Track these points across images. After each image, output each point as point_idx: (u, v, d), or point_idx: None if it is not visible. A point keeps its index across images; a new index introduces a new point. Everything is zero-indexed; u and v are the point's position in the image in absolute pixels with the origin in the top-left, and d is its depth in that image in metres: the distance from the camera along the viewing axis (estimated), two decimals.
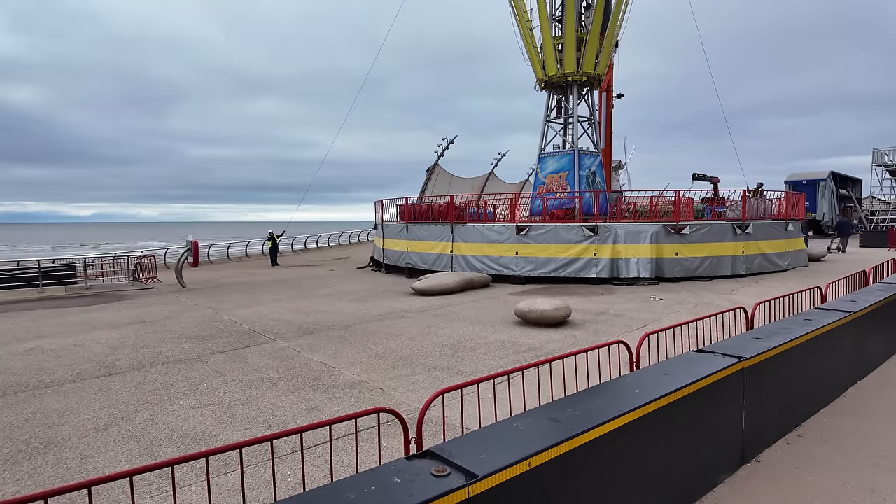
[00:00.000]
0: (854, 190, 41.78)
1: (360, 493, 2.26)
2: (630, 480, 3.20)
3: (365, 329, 9.84)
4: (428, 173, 30.79)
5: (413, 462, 2.56)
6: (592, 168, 21.61)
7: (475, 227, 17.19)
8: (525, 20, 21.22)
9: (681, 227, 15.17)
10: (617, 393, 3.45)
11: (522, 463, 2.56)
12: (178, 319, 11.33)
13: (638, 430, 3.20)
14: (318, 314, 11.49)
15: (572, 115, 21.46)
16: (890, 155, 36.79)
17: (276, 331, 9.81)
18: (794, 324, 5.39)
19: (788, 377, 4.75)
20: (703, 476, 3.84)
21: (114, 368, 7.61)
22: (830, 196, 36.33)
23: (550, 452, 2.68)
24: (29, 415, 5.86)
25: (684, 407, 3.59)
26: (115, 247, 46.72)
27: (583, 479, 2.89)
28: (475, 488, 2.35)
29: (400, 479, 2.37)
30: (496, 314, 11.11)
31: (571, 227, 15.67)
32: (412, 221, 19.55)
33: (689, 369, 3.89)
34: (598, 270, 15.09)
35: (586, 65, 20.49)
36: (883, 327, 6.78)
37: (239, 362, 7.75)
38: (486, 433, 2.91)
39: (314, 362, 7.61)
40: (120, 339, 9.44)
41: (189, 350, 8.57)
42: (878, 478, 3.99)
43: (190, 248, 17.59)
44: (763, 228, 16.42)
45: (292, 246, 34.98)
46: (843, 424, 4.98)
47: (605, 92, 25.51)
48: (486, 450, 2.65)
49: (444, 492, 2.26)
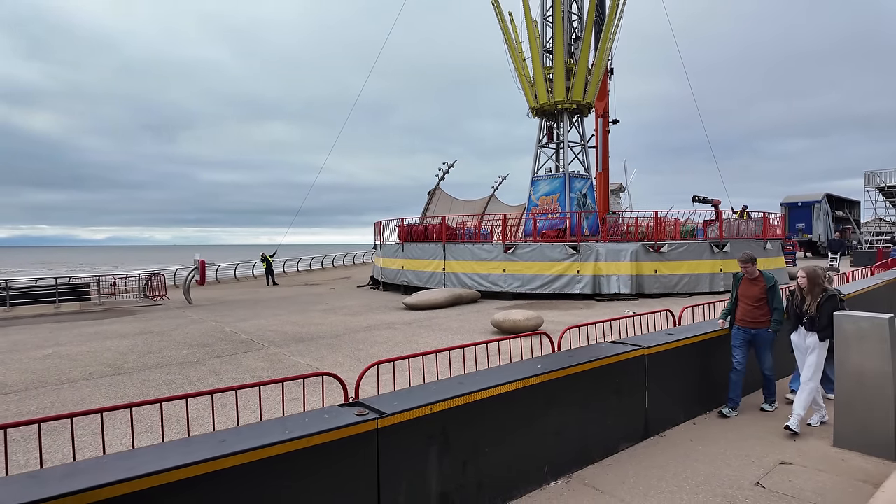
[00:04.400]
0: (851, 212, 42.29)
1: (297, 423, 3.09)
2: (526, 435, 3.99)
3: (353, 338, 10.68)
4: (429, 196, 31.88)
5: (343, 408, 3.39)
6: (583, 190, 22.51)
7: (466, 246, 18.08)
8: (517, 52, 22.46)
9: (659, 246, 15.95)
10: (523, 368, 4.26)
11: (424, 408, 3.39)
12: (182, 330, 12.24)
13: (533, 395, 4.00)
14: (312, 326, 12.35)
15: (563, 141, 22.51)
16: (882, 177, 37.42)
17: (272, 339, 10.67)
18: (709, 324, 6.17)
19: (693, 366, 5.52)
20: (605, 442, 4.60)
21: (123, 370, 8.49)
22: (826, 217, 36.87)
23: (449, 402, 3.51)
24: (49, 404, 6.74)
25: (583, 380, 4.39)
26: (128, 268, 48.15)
27: (480, 427, 3.69)
28: (382, 422, 3.18)
29: (328, 416, 3.20)
30: (476, 325, 11.91)
31: (556, 246, 16.52)
32: (408, 241, 20.49)
33: (592, 353, 4.69)
34: (581, 287, 15.86)
35: (575, 93, 21.60)
36: None
37: (234, 365, 8.60)
38: (408, 391, 3.74)
39: (301, 364, 8.45)
40: (129, 347, 10.35)
41: (190, 355, 9.44)
42: (756, 448, 4.73)
43: (197, 267, 18.63)
44: (741, 247, 17.12)
45: (298, 266, 36.03)
46: (749, 409, 5.71)
47: (601, 117, 26.57)
48: (402, 400, 3.49)
49: (356, 422, 3.09)
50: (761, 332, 5.50)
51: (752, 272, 5.56)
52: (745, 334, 5.57)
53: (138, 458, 2.65)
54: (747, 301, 5.56)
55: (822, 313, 4.99)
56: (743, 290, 5.63)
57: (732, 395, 5.56)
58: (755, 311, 5.51)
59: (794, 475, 4.20)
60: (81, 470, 2.53)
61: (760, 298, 5.50)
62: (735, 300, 5.68)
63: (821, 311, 5.00)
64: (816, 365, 5.01)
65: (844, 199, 41.22)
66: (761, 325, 5.49)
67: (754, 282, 5.57)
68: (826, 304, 5.01)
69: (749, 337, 5.56)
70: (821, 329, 5.00)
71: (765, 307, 5.50)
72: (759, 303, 5.50)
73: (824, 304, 5.00)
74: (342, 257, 42.84)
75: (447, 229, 19.34)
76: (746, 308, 5.55)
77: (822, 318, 4.98)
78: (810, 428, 5.11)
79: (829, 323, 4.86)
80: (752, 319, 5.51)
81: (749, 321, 5.54)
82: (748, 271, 5.58)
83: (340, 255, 43.11)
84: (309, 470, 2.92)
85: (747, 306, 5.55)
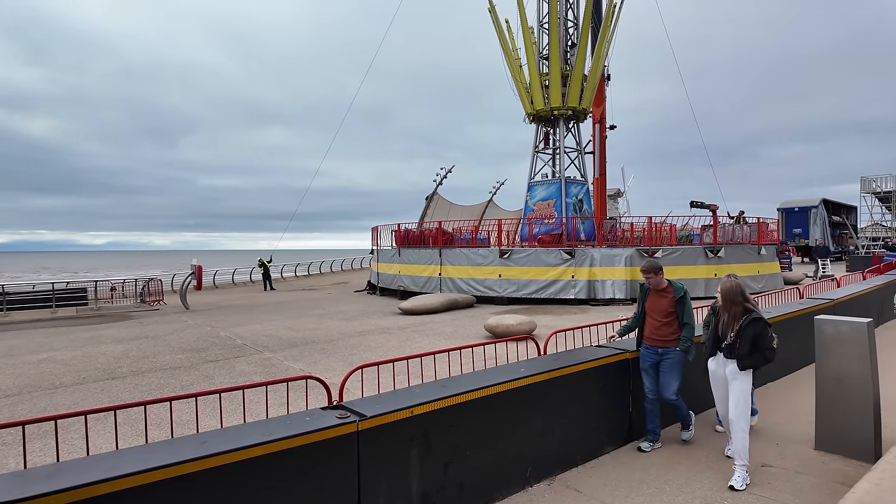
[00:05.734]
0: (848, 217, 42.42)
1: (279, 425, 3.15)
2: (509, 437, 4.04)
3: (347, 343, 10.73)
4: (427, 201, 31.98)
5: (326, 411, 3.45)
6: (579, 196, 22.62)
7: (461, 251, 18.16)
8: (514, 58, 22.62)
9: (654, 251, 16.03)
10: (506, 371, 4.32)
11: (405, 410, 3.45)
12: (178, 335, 12.29)
13: (516, 398, 4.07)
14: (307, 331, 12.40)
15: (559, 147, 22.64)
16: (878, 182, 37.57)
17: (266, 344, 10.72)
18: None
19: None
20: (588, 445, 4.66)
21: (116, 374, 8.54)
22: (822, 223, 36.97)
23: (431, 405, 3.57)
24: (41, 408, 6.79)
25: (566, 384, 4.45)
26: (126, 273, 48.21)
27: (462, 430, 3.75)
28: (363, 424, 3.24)
29: (310, 418, 3.26)
30: (471, 330, 11.97)
31: (551, 251, 16.59)
32: (404, 246, 20.57)
33: (576, 357, 4.76)
34: (576, 292, 15.92)
35: (571, 99, 21.75)
36: (796, 336, 7.56)
37: (227, 369, 8.66)
38: (391, 394, 3.81)
39: (293, 368, 8.51)
40: (124, 351, 10.40)
41: (184, 360, 9.49)
42: None
43: (194, 272, 18.69)
44: (735, 252, 17.24)
45: (296, 271, 36.09)
46: None
47: (598, 123, 26.74)
48: (384, 403, 3.55)
49: (337, 424, 3.16)
50: (670, 351, 4.77)
51: (659, 283, 4.83)
52: (654, 354, 4.84)
53: (122, 459, 2.71)
54: (655, 316, 4.85)
55: (743, 338, 4.22)
56: (650, 304, 4.91)
57: (650, 427, 4.87)
58: (664, 327, 4.79)
59: (775, 477, 4.26)
60: (65, 470, 2.59)
61: (669, 313, 4.78)
62: (641, 315, 4.98)
63: (741, 336, 4.23)
64: (741, 400, 4.23)
65: (841, 204, 41.35)
66: (670, 344, 4.77)
67: (662, 294, 4.85)
68: (748, 327, 4.23)
69: (657, 357, 4.82)
70: (741, 357, 4.25)
71: (674, 323, 4.79)
72: (668, 318, 4.78)
73: (746, 327, 4.23)
74: (340, 262, 42.89)
75: (443, 234, 19.42)
76: (654, 324, 4.83)
77: (743, 344, 4.24)
78: (793, 431, 5.16)
79: (752, 350, 4.21)
80: (661, 337, 4.80)
81: (657, 339, 4.82)
82: (652, 282, 4.85)
83: (339, 260, 43.16)
84: (290, 471, 2.98)
85: (655, 322, 4.83)
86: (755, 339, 4.20)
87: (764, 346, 4.21)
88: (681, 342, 4.74)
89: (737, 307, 4.30)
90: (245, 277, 32.57)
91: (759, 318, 4.23)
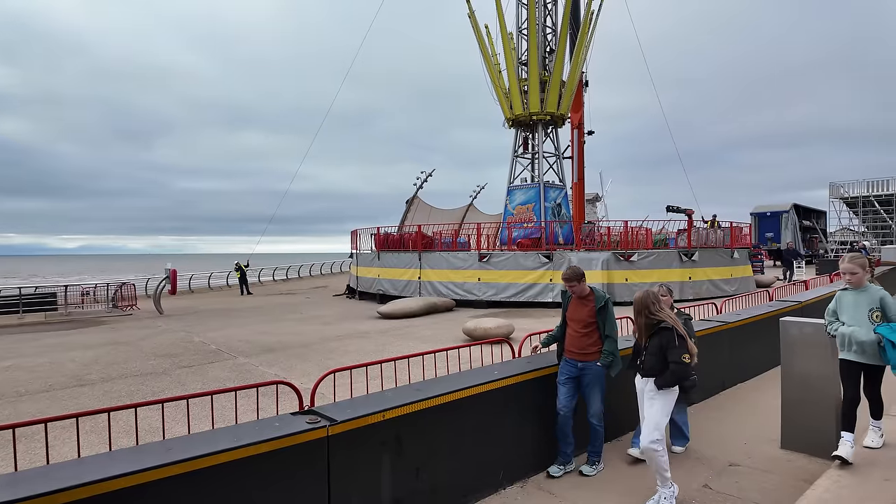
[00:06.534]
0: (818, 221, 43.61)
1: (248, 431, 3.11)
2: (481, 440, 4.06)
3: (324, 347, 10.64)
4: (407, 205, 31.98)
5: (296, 416, 3.42)
6: (558, 200, 22.85)
7: (441, 255, 18.17)
8: (493, 63, 22.78)
9: (629, 255, 16.27)
10: (480, 374, 4.34)
11: (377, 414, 3.44)
12: (151, 341, 12.04)
13: (488, 400, 4.08)
14: (283, 335, 12.26)
15: (538, 151, 22.86)
16: (846, 188, 38.76)
17: (241, 349, 10.57)
18: None
19: None
20: None
21: (85, 381, 8.33)
22: (793, 227, 37.96)
23: (403, 409, 3.56)
24: (4, 416, 6.58)
25: (538, 386, 4.48)
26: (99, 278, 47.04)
27: (434, 433, 3.76)
28: (333, 429, 3.22)
29: (279, 424, 3.23)
30: (449, 334, 11.97)
31: (529, 255, 16.72)
32: (384, 250, 20.51)
33: (548, 359, 4.79)
34: (554, 295, 16.04)
35: (550, 105, 21.98)
36: (763, 338, 7.74)
37: (200, 375, 8.51)
38: (363, 398, 3.79)
39: (268, 374, 8.40)
40: (94, 358, 10.14)
41: (157, 365, 9.30)
42: (708, 452, 4.88)
43: (168, 276, 18.34)
44: (709, 256, 17.59)
45: (273, 276, 35.68)
46: (707, 415, 5.88)
47: (577, 128, 27.06)
48: (357, 407, 3.53)
49: (306, 429, 3.13)
50: (589, 366, 4.35)
51: (581, 290, 4.46)
52: (572, 368, 4.43)
53: (84, 467, 2.65)
54: (574, 326, 4.46)
55: (649, 351, 3.86)
56: (571, 312, 4.53)
57: (563, 448, 4.42)
58: (583, 338, 4.38)
59: (741, 476, 4.35)
60: (23, 479, 2.53)
61: (590, 323, 4.38)
62: (563, 325, 4.60)
63: (647, 349, 3.89)
64: (656, 422, 3.79)
65: (811, 209, 42.50)
66: (590, 358, 4.35)
67: (583, 301, 4.46)
68: (654, 339, 3.83)
69: (576, 372, 4.40)
70: (648, 372, 3.85)
71: (595, 334, 4.38)
72: (589, 328, 4.39)
73: (652, 339, 3.85)
74: (320, 266, 42.53)
75: (423, 238, 19.42)
76: (574, 335, 4.45)
77: (649, 357, 3.84)
78: (760, 431, 5.27)
79: (665, 365, 3.75)
80: (579, 350, 4.39)
81: (576, 352, 4.41)
82: (575, 290, 4.48)
83: (318, 264, 42.80)
84: (259, 477, 2.94)
85: (574, 333, 4.44)
86: (662, 351, 3.75)
87: (671, 359, 3.71)
88: (602, 356, 4.31)
89: (642, 317, 3.88)
90: (221, 282, 32.06)
91: (667, 329, 3.76)
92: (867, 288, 4.10)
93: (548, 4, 22.61)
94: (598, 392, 4.39)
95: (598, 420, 4.41)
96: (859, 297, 4.09)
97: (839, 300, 4.25)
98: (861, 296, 4.10)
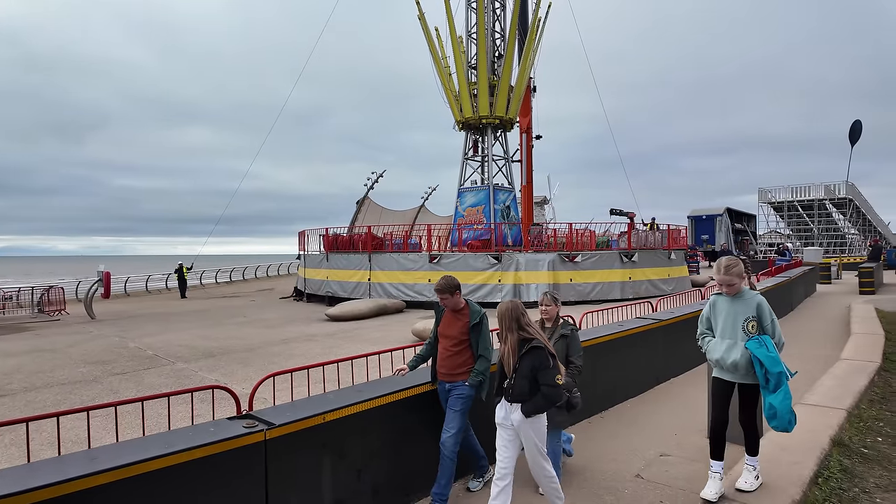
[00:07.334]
0: (749, 224, 46.42)
1: (181, 437, 3.02)
2: (422, 441, 4.08)
3: (268, 351, 10.39)
4: (358, 206, 31.63)
5: (233, 420, 3.34)
6: (507, 203, 23.26)
7: (391, 256, 18.12)
8: (443, 66, 22.94)
9: (574, 256, 16.78)
10: (423, 374, 4.37)
11: (317, 417, 3.41)
12: (81, 347, 11.38)
13: (427, 401, 4.12)
14: (226, 340, 11.87)
15: (488, 154, 23.19)
16: (773, 193, 41.49)
17: (179, 355, 10.16)
18: (608, 328, 6.61)
19: (589, 371, 5.87)
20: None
21: (4, 391, 7.78)
22: (726, 229, 40.24)
23: (343, 411, 3.55)
24: None
25: None
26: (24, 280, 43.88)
27: (376, 435, 3.76)
28: (271, 433, 3.17)
29: (214, 429, 3.15)
30: (399, 335, 11.96)
31: (479, 256, 16.94)
32: (333, 251, 20.22)
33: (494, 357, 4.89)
34: (503, 295, 16.33)
35: (498, 109, 22.35)
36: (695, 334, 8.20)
37: (135, 382, 8.13)
38: (305, 401, 3.75)
39: (208, 379, 8.13)
40: (15, 366, 9.48)
41: (86, 373, 8.81)
42: (642, 442, 5.12)
43: (101, 278, 17.37)
44: (648, 257, 18.39)
45: (216, 278, 34.43)
46: (641, 409, 6.16)
47: (525, 132, 27.63)
48: (295, 410, 3.49)
49: (243, 434, 3.07)
50: (457, 386, 3.86)
51: (454, 303, 3.98)
52: (443, 391, 3.97)
53: (1, 481, 2.50)
54: (446, 343, 3.98)
55: (519, 373, 3.31)
56: (443, 327, 4.03)
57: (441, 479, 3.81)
58: (454, 357, 3.91)
59: (671, 465, 4.59)
60: None
61: (461, 340, 3.92)
62: (434, 341, 4.10)
63: (517, 371, 3.32)
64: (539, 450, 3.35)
65: (743, 212, 45.19)
66: (459, 378, 3.87)
67: (457, 315, 3.99)
68: (525, 359, 3.30)
69: (446, 395, 3.94)
70: (517, 397, 3.31)
71: (467, 353, 3.92)
72: (460, 346, 3.91)
73: (523, 359, 3.30)
74: (266, 268, 41.40)
75: (373, 239, 19.29)
76: (443, 353, 3.97)
77: (519, 380, 3.30)
78: (690, 422, 5.57)
79: (532, 388, 3.27)
80: (449, 370, 3.91)
81: (445, 372, 3.93)
82: (448, 304, 3.99)
83: (265, 266, 41.64)
84: (193, 484, 2.86)
85: (445, 350, 3.96)
86: (533, 373, 3.27)
87: (544, 381, 3.26)
88: (471, 375, 3.81)
89: (513, 335, 3.37)
90: (160, 284, 30.65)
91: (539, 347, 3.30)
92: (743, 294, 3.59)
93: (496, 10, 23.00)
94: (459, 417, 3.80)
95: (451, 450, 3.76)
96: (735, 305, 3.58)
97: (713, 307, 3.75)
98: (736, 303, 3.58)
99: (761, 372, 3.36)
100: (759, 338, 3.46)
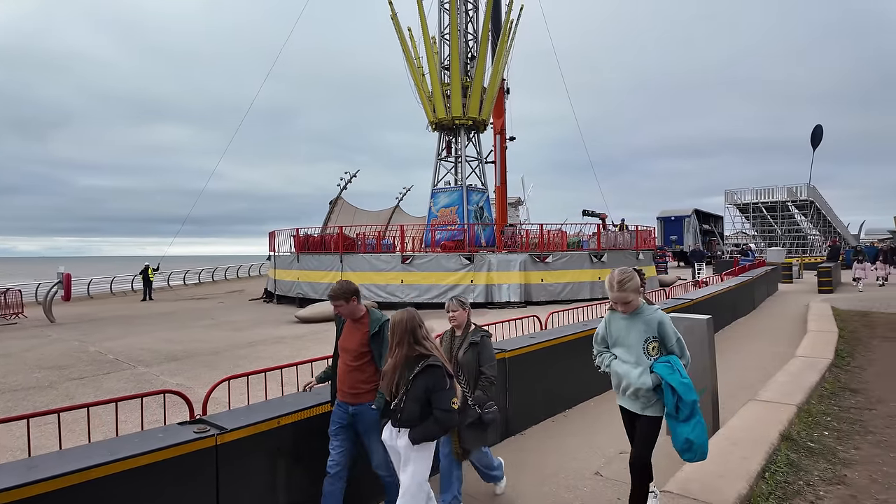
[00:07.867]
0: (716, 225, 47.66)
1: (128, 443, 2.94)
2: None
3: (234, 354, 10.20)
4: (331, 206, 31.33)
5: (184, 426, 3.27)
6: (480, 203, 23.37)
7: (363, 257, 18.01)
8: (416, 67, 22.90)
9: (545, 257, 16.96)
10: None
11: (272, 421, 3.37)
12: (37, 351, 10.99)
13: None
14: (191, 343, 11.62)
15: (461, 155, 23.24)
16: (739, 195, 42.70)
17: (141, 359, 9.90)
18: (573, 328, 6.69)
19: (555, 367, 5.95)
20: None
21: None
22: (694, 230, 41.24)
23: (300, 414, 3.52)
24: None
25: None
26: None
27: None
28: (223, 438, 3.12)
29: (163, 434, 3.08)
30: None
31: (451, 257, 16.97)
32: (304, 252, 19.98)
33: None
34: (475, 295, 16.40)
35: (471, 110, 22.43)
36: None
37: (93, 387, 7.88)
38: (261, 405, 3.70)
39: (170, 384, 7.93)
40: None
41: (42, 378, 8.51)
42: (601, 439, 5.20)
43: (61, 280, 16.81)
44: (617, 257, 18.69)
45: (184, 279, 33.67)
46: (605, 407, 6.25)
47: (499, 134, 27.78)
48: (250, 414, 3.43)
49: (193, 439, 3.01)
50: (362, 410, 3.38)
51: (352, 312, 3.50)
52: (343, 414, 3.45)
53: None
54: (346, 357, 3.49)
55: (410, 395, 2.90)
56: (343, 340, 3.57)
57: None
58: (354, 373, 3.42)
59: (623, 460, 4.66)
60: None
61: (362, 353, 3.43)
62: (336, 356, 3.61)
63: (409, 394, 2.90)
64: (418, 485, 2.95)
65: (710, 214, 46.39)
66: (363, 399, 3.39)
67: (357, 325, 3.51)
68: (418, 379, 2.89)
69: (349, 418, 3.43)
70: (405, 422, 2.92)
71: (370, 368, 3.42)
72: (360, 360, 3.43)
73: (415, 379, 2.90)
74: (236, 269, 40.66)
75: (345, 240, 19.13)
76: (344, 368, 3.48)
77: (409, 403, 2.90)
78: None
79: (426, 412, 2.90)
80: (350, 388, 3.42)
81: (347, 391, 3.43)
82: (344, 312, 3.52)
83: (234, 267, 40.89)
84: (140, 492, 2.79)
85: (345, 366, 3.48)
86: (427, 394, 2.88)
87: (437, 405, 2.88)
88: (377, 398, 3.18)
89: (403, 349, 2.96)
90: (125, 286, 29.81)
91: (436, 366, 2.90)
92: (642, 310, 3.16)
93: (469, 11, 23.07)
94: (378, 440, 3.28)
95: (387, 470, 3.39)
96: (632, 323, 3.16)
97: (608, 324, 3.31)
98: (635, 322, 3.15)
99: (672, 400, 2.96)
100: (668, 359, 3.06)
